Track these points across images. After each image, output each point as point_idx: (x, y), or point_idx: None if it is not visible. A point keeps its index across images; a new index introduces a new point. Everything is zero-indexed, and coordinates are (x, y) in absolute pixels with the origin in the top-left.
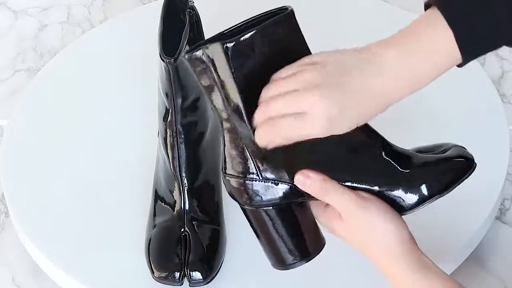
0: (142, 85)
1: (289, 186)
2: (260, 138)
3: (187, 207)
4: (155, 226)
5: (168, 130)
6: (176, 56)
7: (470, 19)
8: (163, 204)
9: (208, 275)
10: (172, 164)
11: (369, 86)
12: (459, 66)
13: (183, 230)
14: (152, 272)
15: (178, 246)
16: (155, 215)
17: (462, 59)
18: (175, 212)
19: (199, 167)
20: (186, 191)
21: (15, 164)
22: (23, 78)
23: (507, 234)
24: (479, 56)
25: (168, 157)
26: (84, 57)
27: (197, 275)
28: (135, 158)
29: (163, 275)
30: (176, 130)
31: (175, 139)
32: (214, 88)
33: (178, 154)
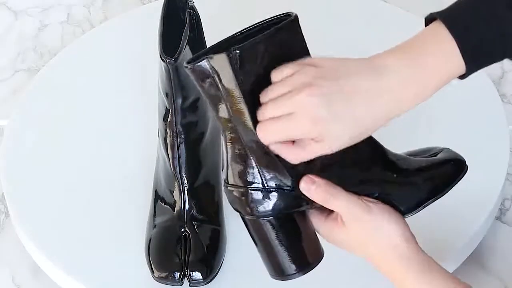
0: (142, 85)
1: (292, 195)
2: (262, 139)
3: (187, 207)
4: (155, 226)
5: (168, 130)
6: (176, 56)
7: (475, 32)
8: (163, 204)
9: (208, 275)
10: (172, 164)
11: (366, 90)
12: (462, 78)
13: (183, 230)
14: (152, 272)
15: (178, 246)
16: (155, 215)
17: (466, 70)
18: (175, 212)
19: (199, 167)
20: (186, 191)
21: (15, 164)
22: (23, 78)
23: (507, 234)
24: (483, 68)
25: (168, 157)
26: (84, 57)
27: (197, 275)
28: (135, 158)
29: (163, 275)
30: (176, 130)
31: (175, 139)
32: (218, 97)
33: (178, 154)
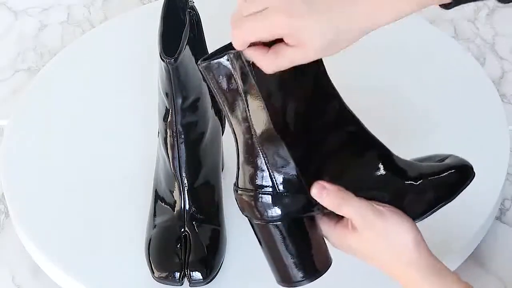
0: (142, 85)
1: (303, 200)
2: (234, 40)
3: (187, 207)
4: (155, 226)
5: (168, 130)
6: (176, 56)
7: None
8: (163, 204)
9: (208, 275)
10: (172, 164)
11: None
12: (447, 7)
13: (183, 230)
14: (152, 272)
15: (178, 246)
16: (155, 215)
17: None
18: (175, 212)
19: (199, 167)
20: (186, 191)
21: (15, 164)
22: (23, 78)
23: (507, 234)
24: (469, 0)
25: (168, 157)
26: (84, 57)
27: (197, 275)
28: (135, 158)
29: (163, 275)
30: (176, 130)
31: (175, 139)
32: (236, 97)
33: (178, 154)
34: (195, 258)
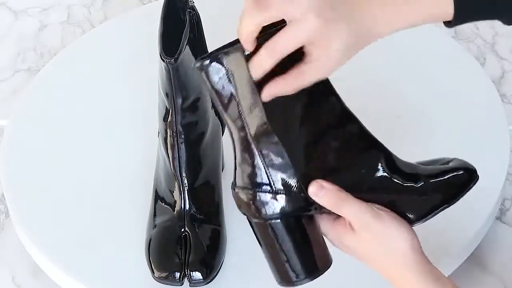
0: (142, 85)
1: (301, 198)
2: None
3: (187, 207)
4: (155, 226)
5: (168, 130)
6: (176, 56)
7: None
8: (163, 204)
9: (208, 275)
10: (172, 164)
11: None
12: (449, 25)
13: (183, 230)
14: (152, 272)
15: (178, 246)
16: (155, 215)
17: (454, 17)
18: (175, 212)
19: (199, 167)
20: (186, 191)
21: (15, 164)
22: (23, 78)
23: (507, 234)
24: (471, 21)
25: (168, 157)
26: (84, 57)
27: (197, 275)
28: (135, 158)
29: (163, 275)
30: (176, 130)
31: (175, 139)
32: (230, 95)
33: (178, 154)
34: (195, 258)
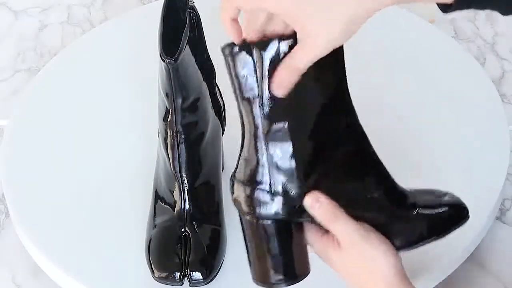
0: (142, 85)
1: (296, 204)
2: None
3: (187, 207)
4: (155, 226)
5: (168, 130)
6: (176, 56)
7: None
8: (163, 204)
9: (209, 275)
10: (172, 164)
11: None
12: (446, 10)
13: (183, 230)
14: (152, 272)
15: (178, 246)
16: (155, 215)
17: (455, 0)
18: (175, 212)
19: (199, 167)
20: (186, 191)
21: (15, 164)
22: (23, 78)
23: (507, 234)
24: (469, 7)
25: (168, 157)
26: (84, 57)
27: (197, 275)
28: (135, 158)
29: (163, 275)
30: (176, 130)
31: (175, 139)
32: (251, 87)
33: (178, 154)
34: (195, 258)
